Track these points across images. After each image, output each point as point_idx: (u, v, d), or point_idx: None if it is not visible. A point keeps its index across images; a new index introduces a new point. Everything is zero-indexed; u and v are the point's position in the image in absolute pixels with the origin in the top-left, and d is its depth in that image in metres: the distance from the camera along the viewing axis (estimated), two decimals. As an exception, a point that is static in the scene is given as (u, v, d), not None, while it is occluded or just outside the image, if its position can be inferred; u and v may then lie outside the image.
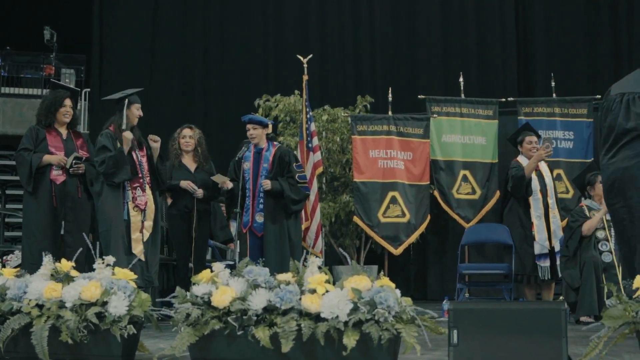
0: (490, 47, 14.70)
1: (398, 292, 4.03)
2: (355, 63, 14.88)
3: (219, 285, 4.22)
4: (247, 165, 7.84)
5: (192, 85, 15.28)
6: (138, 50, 15.31)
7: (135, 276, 4.54)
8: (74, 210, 7.11)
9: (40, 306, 4.45)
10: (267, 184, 7.69)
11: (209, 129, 14.21)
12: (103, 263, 4.51)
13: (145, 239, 7.03)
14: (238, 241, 7.62)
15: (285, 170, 7.83)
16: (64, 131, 7.22)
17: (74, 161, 7.07)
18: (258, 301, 4.09)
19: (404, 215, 10.53)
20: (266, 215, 7.71)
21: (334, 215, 10.78)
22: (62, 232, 7.09)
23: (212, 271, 4.37)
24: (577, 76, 14.12)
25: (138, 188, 7.07)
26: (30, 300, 4.46)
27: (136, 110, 7.29)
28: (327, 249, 11.05)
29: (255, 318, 4.07)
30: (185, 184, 7.94)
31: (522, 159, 9.21)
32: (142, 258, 6.87)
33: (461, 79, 11.32)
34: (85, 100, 14.77)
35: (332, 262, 10.88)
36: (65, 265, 4.63)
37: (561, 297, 8.78)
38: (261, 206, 7.76)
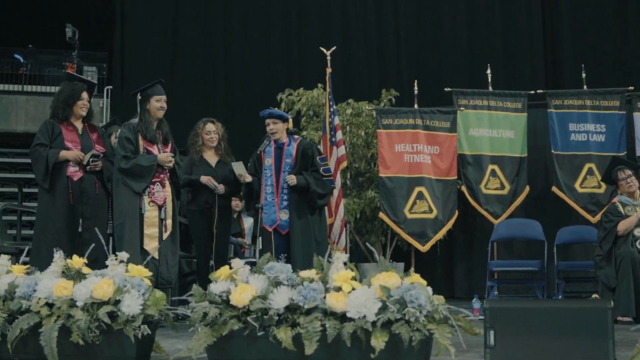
0: (516, 38, 14.50)
1: (429, 289, 3.76)
2: (379, 56, 14.73)
3: (238, 283, 3.97)
4: (269, 162, 7.58)
5: (214, 81, 15.22)
6: (160, 46, 15.29)
7: (150, 273, 4.28)
8: (91, 208, 6.84)
9: (50, 305, 4.23)
10: (292, 179, 7.42)
11: (231, 124, 14.13)
12: (116, 259, 4.26)
13: (165, 238, 6.78)
14: (260, 237, 7.36)
15: (309, 164, 7.56)
16: (79, 125, 6.96)
17: (91, 159, 6.84)
18: (280, 300, 3.84)
19: (431, 211, 10.33)
20: (292, 211, 7.45)
21: (359, 211, 10.62)
22: (79, 230, 6.83)
23: (231, 268, 4.11)
24: (607, 67, 13.79)
25: (157, 183, 6.81)
26: (39, 298, 4.23)
27: (156, 102, 7.04)
28: (352, 246, 10.94)
29: (276, 318, 3.82)
30: (205, 179, 7.70)
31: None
32: (156, 256, 6.56)
33: (489, 71, 11.08)
34: (107, 97, 14.75)
35: (357, 259, 10.69)
36: (77, 262, 4.40)
37: (594, 295, 8.51)
38: (285, 202, 7.50)
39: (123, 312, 4.04)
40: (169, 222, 6.80)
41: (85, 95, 6.95)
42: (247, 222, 9.82)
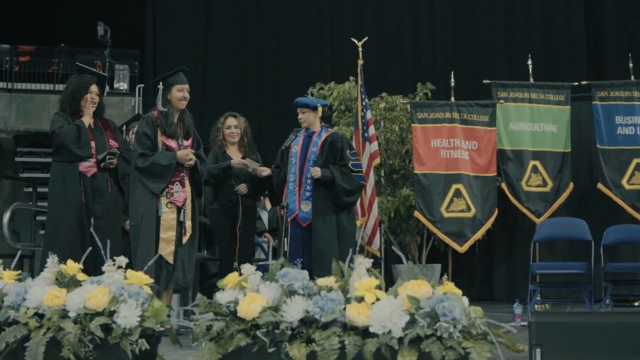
0: (556, 27, 14.04)
1: (465, 300, 3.26)
2: (413, 47, 14.42)
3: (248, 292, 3.49)
4: (295, 149, 7.16)
5: (247, 76, 14.98)
6: (192, 43, 15.21)
7: (152, 280, 3.82)
8: (103, 207, 6.42)
9: (40, 316, 3.78)
10: (316, 171, 6.95)
11: (264, 120, 14.02)
12: (114, 264, 3.82)
13: (184, 242, 6.32)
14: (285, 238, 6.90)
15: (338, 157, 7.10)
16: (90, 120, 6.53)
17: (108, 156, 6.42)
18: (293, 311, 3.36)
19: (469, 209, 10.06)
20: (315, 204, 6.98)
21: (393, 210, 10.40)
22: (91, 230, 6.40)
23: (240, 274, 3.64)
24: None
25: (177, 183, 6.34)
26: (28, 308, 3.79)
27: (178, 92, 6.50)
28: (387, 246, 10.71)
29: (289, 332, 3.33)
30: (236, 162, 7.28)
31: None
32: (170, 260, 6.12)
33: (529, 62, 10.75)
34: (139, 96, 14.67)
35: (392, 260, 10.70)
36: (72, 267, 3.96)
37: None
38: (308, 194, 7.03)
39: (119, 324, 3.59)
40: (188, 224, 6.32)
41: (94, 88, 6.51)
42: (265, 218, 9.33)
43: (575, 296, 9.38)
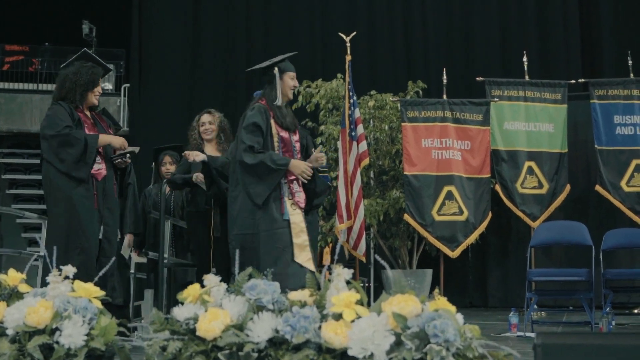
0: (551, 24, 13.89)
1: (460, 318, 2.82)
2: (405, 44, 14.28)
3: (209, 307, 3.04)
4: None
5: (235, 75, 14.74)
6: (179, 41, 15.04)
7: (103, 293, 3.36)
8: (112, 213, 5.91)
9: (-26, 334, 3.32)
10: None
11: None
12: (60, 274, 3.36)
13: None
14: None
15: (303, 155, 6.72)
16: (88, 114, 6.06)
17: (128, 154, 5.94)
18: (261, 330, 2.91)
19: (461, 212, 9.93)
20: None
21: (382, 213, 10.14)
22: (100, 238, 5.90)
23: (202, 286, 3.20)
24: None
25: (295, 181, 5.84)
26: (-39, 325, 3.34)
27: (290, 80, 5.98)
28: (376, 251, 10.69)
29: (255, 355, 2.88)
30: (197, 177, 6.86)
31: None
32: (312, 267, 5.51)
33: (525, 59, 10.59)
34: (124, 96, 14.44)
35: (381, 266, 10.16)
36: (13, 277, 3.51)
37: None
38: None
39: (62, 343, 3.13)
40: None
41: (100, 82, 6.08)
42: None
43: (573, 303, 9.17)
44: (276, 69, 5.90)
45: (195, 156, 6.48)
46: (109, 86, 15.55)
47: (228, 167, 6.60)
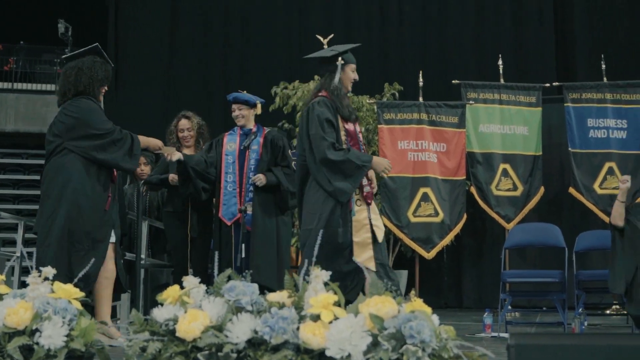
0: (526, 28, 13.83)
1: (436, 319, 2.86)
2: (381, 47, 14.17)
3: (189, 309, 3.07)
4: (232, 147, 6.79)
5: (212, 76, 14.71)
6: (156, 41, 14.92)
7: (82, 294, 3.38)
8: (116, 216, 5.81)
9: (-45, 335, 3.32)
10: (260, 179, 6.56)
11: (230, 122, 13.48)
12: (39, 275, 3.37)
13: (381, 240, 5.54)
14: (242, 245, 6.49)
15: (279, 157, 6.77)
16: None
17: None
18: (240, 331, 2.94)
19: (437, 214, 9.91)
20: (256, 207, 6.58)
21: None
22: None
23: (182, 287, 3.22)
24: (625, 58, 13.07)
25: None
26: (-60, 326, 3.34)
27: (351, 73, 5.86)
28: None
29: (234, 355, 2.91)
30: (172, 178, 6.88)
31: None
32: (372, 267, 5.20)
33: (500, 62, 10.63)
34: None
35: None
36: (-8, 279, 3.51)
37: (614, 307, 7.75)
38: (251, 194, 6.67)
39: (41, 344, 3.14)
40: (377, 221, 5.56)
41: None
42: None
43: (546, 304, 9.21)
44: (340, 59, 5.79)
45: (171, 153, 6.43)
46: (84, 86, 15.45)
47: (203, 165, 6.65)
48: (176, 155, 6.51)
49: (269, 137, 6.81)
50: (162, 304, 3.21)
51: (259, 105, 6.92)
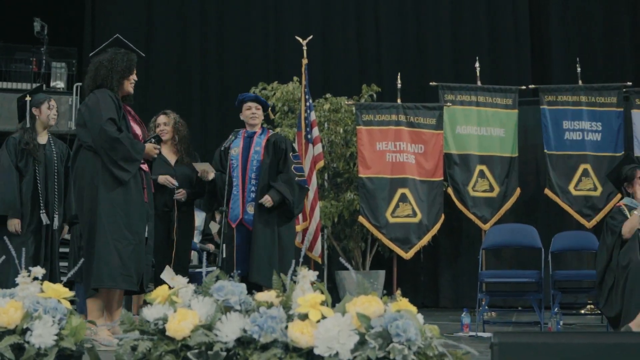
0: (502, 31, 13.93)
1: (421, 318, 2.93)
2: (359, 48, 14.20)
3: (178, 308, 3.12)
4: (236, 151, 6.85)
5: (189, 76, 14.65)
6: (132, 41, 14.43)
7: (72, 294, 3.42)
8: (149, 207, 5.79)
9: (-56, 335, 3.34)
10: (267, 201, 6.64)
11: (208, 121, 13.71)
12: (29, 275, 3.41)
13: None
14: (224, 244, 6.54)
15: (281, 160, 6.82)
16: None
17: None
18: (229, 330, 2.99)
19: (414, 214, 9.91)
20: (257, 209, 6.66)
21: (336, 215, 10.20)
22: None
23: (170, 287, 3.27)
24: (600, 61, 13.28)
25: None
26: None
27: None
28: (330, 252, 10.67)
29: (224, 354, 2.96)
30: (163, 179, 6.89)
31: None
32: None
33: (477, 65, 10.66)
34: (77, 95, 14.19)
35: (335, 267, 10.56)
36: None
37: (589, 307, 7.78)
38: (253, 195, 6.75)
39: (32, 343, 3.18)
40: None
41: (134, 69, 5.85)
42: (199, 218, 8.80)
43: (522, 304, 9.24)
44: None
45: (209, 173, 6.71)
46: (60, 85, 15.27)
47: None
48: (211, 175, 6.74)
49: (272, 140, 6.88)
50: (150, 303, 3.27)
51: (269, 110, 7.05)
